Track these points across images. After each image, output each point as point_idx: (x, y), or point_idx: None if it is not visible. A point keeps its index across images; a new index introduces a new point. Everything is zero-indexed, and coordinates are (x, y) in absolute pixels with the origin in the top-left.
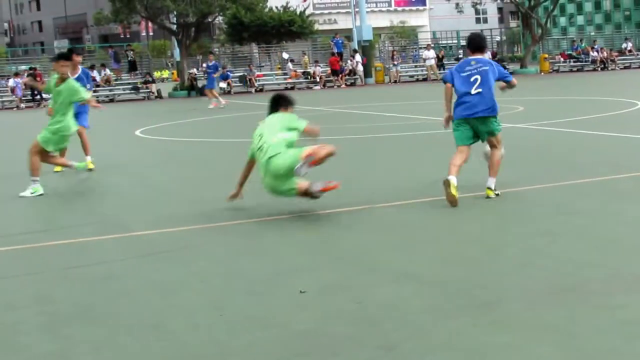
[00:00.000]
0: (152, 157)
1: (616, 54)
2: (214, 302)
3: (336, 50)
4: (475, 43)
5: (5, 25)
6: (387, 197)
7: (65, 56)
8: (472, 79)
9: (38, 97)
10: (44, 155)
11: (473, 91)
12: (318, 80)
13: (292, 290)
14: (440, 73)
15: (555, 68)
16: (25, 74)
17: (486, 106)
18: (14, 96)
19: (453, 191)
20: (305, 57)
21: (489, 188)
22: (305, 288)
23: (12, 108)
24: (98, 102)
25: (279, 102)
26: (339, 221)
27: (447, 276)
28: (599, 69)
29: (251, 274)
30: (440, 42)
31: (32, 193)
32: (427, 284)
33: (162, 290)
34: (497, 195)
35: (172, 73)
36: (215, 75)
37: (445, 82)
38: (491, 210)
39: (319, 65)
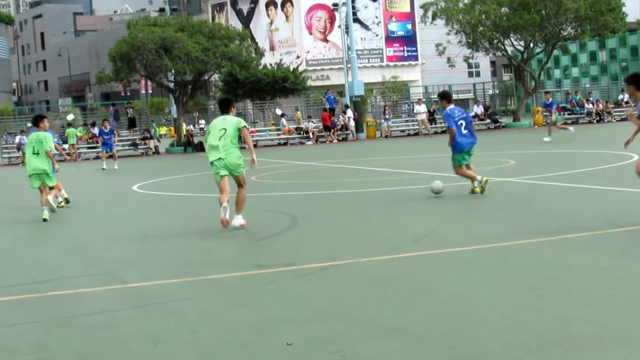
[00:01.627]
0: (148, 211)
1: (612, 105)
2: (203, 352)
3: (328, 106)
4: (450, 96)
5: (14, 85)
6: (375, 251)
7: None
8: (459, 123)
9: None
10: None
11: (464, 131)
12: (311, 135)
13: (279, 342)
14: (431, 127)
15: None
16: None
17: (473, 141)
18: (20, 152)
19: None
20: (298, 112)
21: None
22: (292, 340)
23: (17, 164)
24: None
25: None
26: (327, 274)
27: (432, 331)
28: (595, 121)
29: (239, 326)
30: (432, 96)
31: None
32: (412, 338)
33: (154, 340)
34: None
35: (170, 129)
36: None
37: (450, 128)
38: (478, 265)
39: (312, 121)
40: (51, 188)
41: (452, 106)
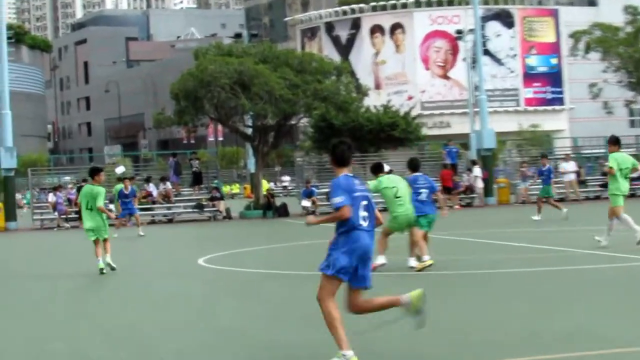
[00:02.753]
0: (218, 292)
1: None
2: None
3: (449, 162)
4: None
5: (49, 127)
6: (514, 350)
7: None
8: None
9: None
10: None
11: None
12: None
13: None
14: (581, 191)
15: None
16: (72, 189)
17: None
18: (55, 213)
19: None
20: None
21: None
22: None
23: (52, 228)
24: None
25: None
26: None
27: None
28: None
29: None
30: (582, 150)
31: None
32: None
33: None
34: None
35: (245, 188)
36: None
37: None
38: None
39: None
40: (105, 240)
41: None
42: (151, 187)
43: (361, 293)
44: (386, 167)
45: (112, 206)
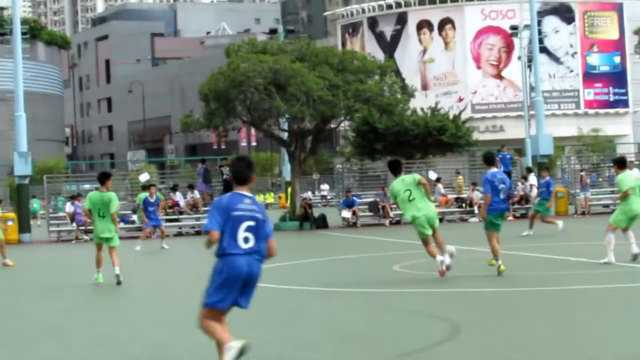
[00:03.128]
0: (249, 311)
1: None
2: None
3: (502, 169)
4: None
5: (67, 131)
6: None
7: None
8: None
9: None
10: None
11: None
12: (476, 209)
13: None
14: None
15: None
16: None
17: None
18: (73, 225)
19: None
20: (460, 177)
21: None
22: None
23: (70, 240)
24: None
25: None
26: None
27: None
28: None
29: None
30: None
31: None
32: None
33: None
34: None
35: (279, 197)
36: None
37: None
38: None
39: (478, 189)
40: (112, 249)
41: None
42: (178, 197)
43: (225, 314)
44: (433, 176)
45: (135, 217)
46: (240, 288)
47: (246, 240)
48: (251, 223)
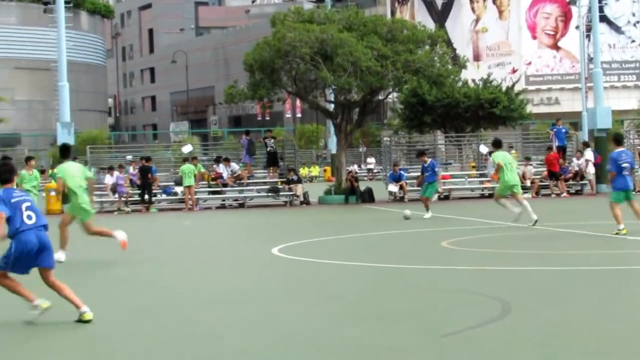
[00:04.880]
0: (292, 285)
1: None
2: None
3: (557, 143)
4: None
5: (110, 101)
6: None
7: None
8: None
9: (147, 197)
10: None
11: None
12: (529, 185)
13: None
14: None
15: None
16: (132, 167)
17: None
18: (115, 196)
19: None
20: (513, 151)
21: None
22: None
23: (112, 211)
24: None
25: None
26: None
27: None
28: None
29: None
30: None
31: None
32: None
33: None
34: None
35: (324, 170)
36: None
37: None
38: None
39: (531, 164)
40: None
41: None
42: (221, 168)
43: (50, 272)
44: (484, 149)
45: (178, 189)
46: (34, 256)
47: (29, 217)
48: (28, 204)
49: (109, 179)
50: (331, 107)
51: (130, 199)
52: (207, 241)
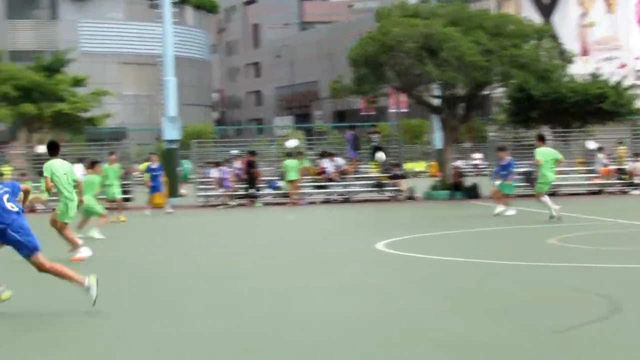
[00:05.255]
0: (396, 281)
1: None
2: None
3: None
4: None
5: (215, 96)
6: None
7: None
8: None
9: (253, 190)
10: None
11: None
12: (638, 181)
13: None
14: None
15: None
16: (238, 162)
17: None
18: (222, 190)
19: None
20: (621, 147)
21: None
22: None
23: (217, 205)
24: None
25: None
26: None
27: None
28: None
29: None
30: None
31: None
32: None
33: None
34: None
35: (430, 165)
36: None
37: None
38: None
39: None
40: None
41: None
42: (325, 163)
43: (38, 257)
44: (592, 145)
45: (281, 184)
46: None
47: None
48: (7, 196)
49: (214, 173)
50: (436, 102)
51: (234, 193)
52: (309, 235)
